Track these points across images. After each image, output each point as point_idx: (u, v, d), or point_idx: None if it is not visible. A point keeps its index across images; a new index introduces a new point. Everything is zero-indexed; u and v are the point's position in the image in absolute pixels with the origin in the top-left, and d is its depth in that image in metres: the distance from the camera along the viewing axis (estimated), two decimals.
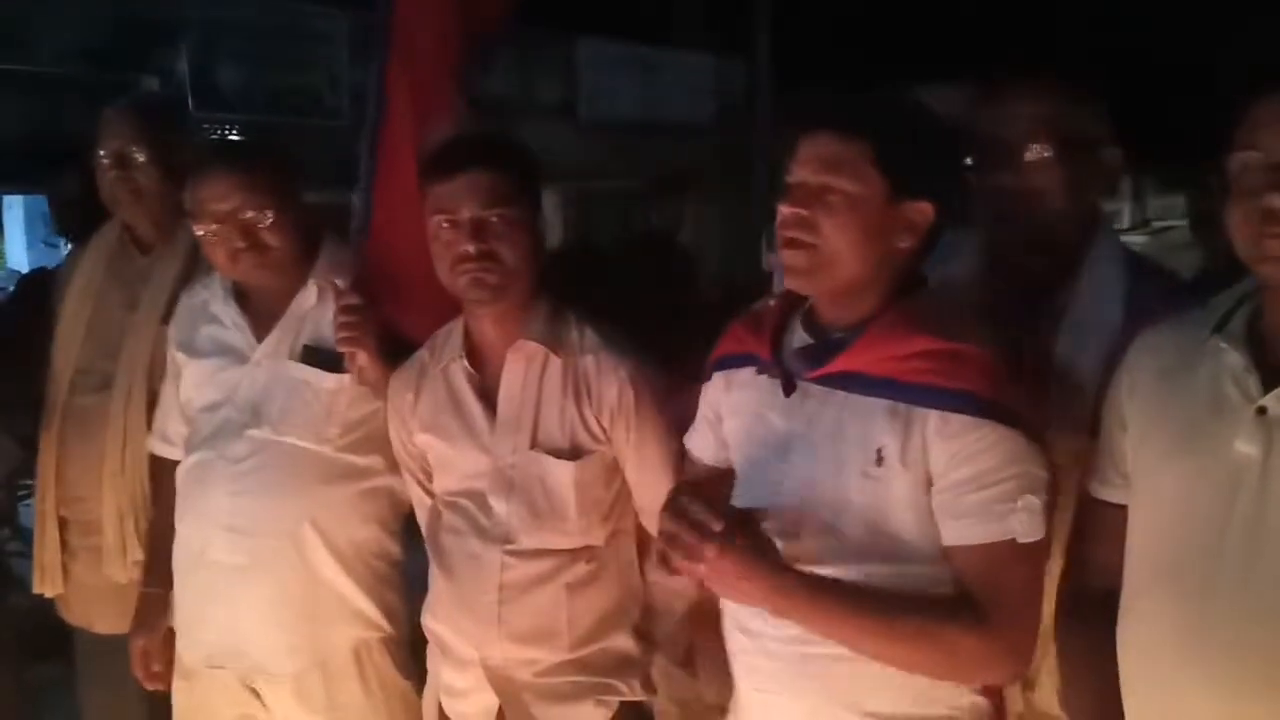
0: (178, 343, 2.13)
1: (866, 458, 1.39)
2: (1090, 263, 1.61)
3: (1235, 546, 1.23)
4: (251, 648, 2.01)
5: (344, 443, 2.01)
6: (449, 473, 1.86)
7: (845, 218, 1.39)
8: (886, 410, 1.39)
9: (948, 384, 1.36)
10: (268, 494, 1.98)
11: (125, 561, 2.24)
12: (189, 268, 2.28)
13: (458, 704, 1.87)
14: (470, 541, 1.81)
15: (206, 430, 2.04)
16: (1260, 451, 1.23)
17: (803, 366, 1.47)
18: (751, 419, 1.53)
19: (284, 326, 2.04)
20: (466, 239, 1.72)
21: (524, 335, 1.80)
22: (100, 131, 2.30)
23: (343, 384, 1.99)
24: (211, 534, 2.00)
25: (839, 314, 1.47)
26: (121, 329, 2.28)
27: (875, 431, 1.39)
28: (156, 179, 2.28)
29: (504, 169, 1.75)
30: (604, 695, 1.81)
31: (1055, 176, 1.59)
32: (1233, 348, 1.28)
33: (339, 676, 2.04)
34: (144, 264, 2.34)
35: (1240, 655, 1.21)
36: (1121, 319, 1.55)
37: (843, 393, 1.42)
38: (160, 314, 2.24)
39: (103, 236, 2.40)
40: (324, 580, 2.01)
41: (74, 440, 2.30)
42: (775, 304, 1.57)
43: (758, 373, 1.52)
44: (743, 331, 1.58)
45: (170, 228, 2.32)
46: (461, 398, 1.83)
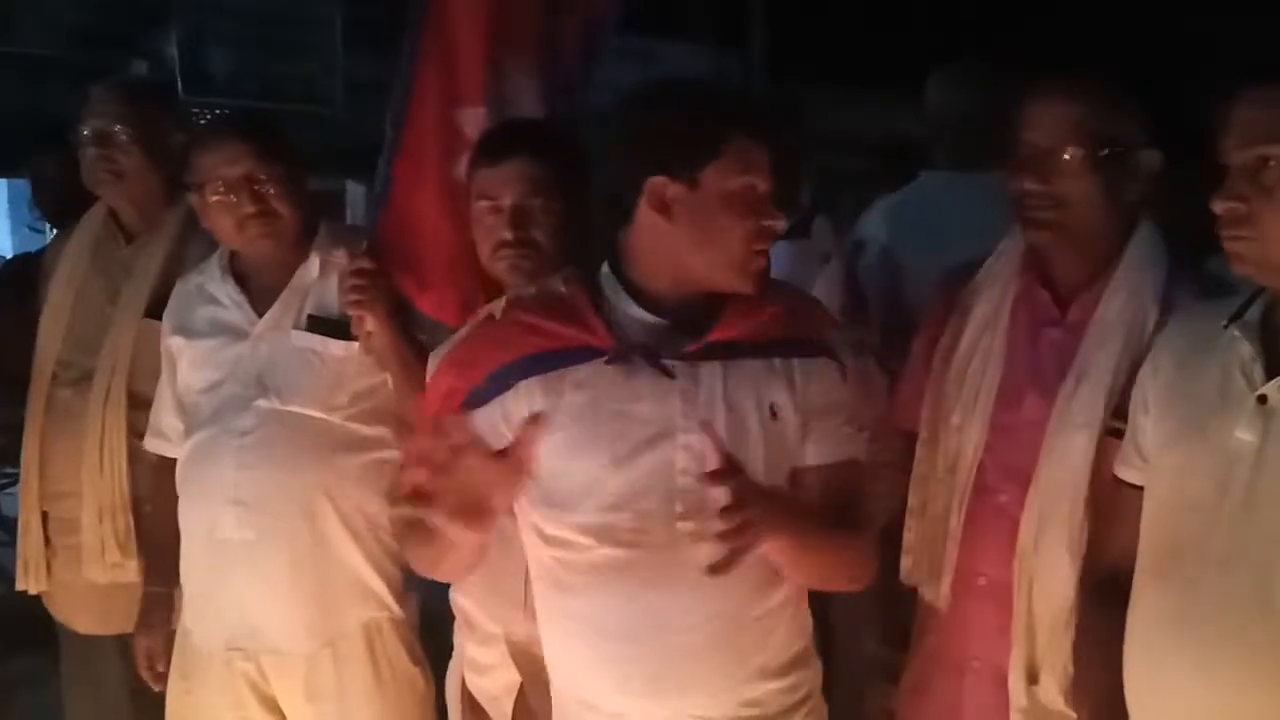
0: (173, 328, 2.10)
1: (762, 415, 1.46)
2: (1125, 264, 1.60)
3: (1224, 534, 1.24)
4: (264, 624, 1.98)
5: (352, 411, 2.00)
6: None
7: None
8: (766, 368, 1.47)
9: (808, 334, 1.52)
10: (276, 466, 1.96)
11: (104, 563, 2.20)
12: (174, 259, 2.24)
13: (481, 680, 1.87)
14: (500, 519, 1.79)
15: (209, 410, 2.01)
16: (1257, 439, 1.25)
17: (667, 346, 1.45)
18: (606, 416, 1.44)
19: (286, 299, 2.03)
20: (506, 225, 1.75)
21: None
22: (84, 109, 2.25)
23: (351, 351, 1.99)
24: (219, 511, 1.96)
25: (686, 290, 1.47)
26: (103, 322, 2.24)
27: (764, 389, 1.46)
28: (140, 160, 2.23)
29: (549, 158, 1.78)
30: None
31: (1086, 182, 1.56)
32: (1245, 337, 1.31)
33: (349, 659, 2.02)
34: (127, 254, 2.29)
35: (1226, 643, 1.23)
36: (1155, 320, 1.54)
37: (718, 363, 1.45)
38: (142, 309, 2.20)
39: (87, 222, 2.35)
40: (336, 554, 2.00)
41: (56, 435, 2.25)
42: (572, 291, 1.50)
43: (607, 363, 1.44)
44: (549, 326, 1.48)
45: (155, 214, 2.28)
46: None
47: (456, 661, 1.95)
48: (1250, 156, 1.24)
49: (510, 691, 1.84)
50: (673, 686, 1.46)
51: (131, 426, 2.19)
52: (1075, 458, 1.54)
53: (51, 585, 2.30)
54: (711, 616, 1.45)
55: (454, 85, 2.02)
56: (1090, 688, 1.48)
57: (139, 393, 2.19)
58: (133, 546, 2.20)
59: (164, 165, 2.26)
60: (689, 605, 1.44)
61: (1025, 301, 1.68)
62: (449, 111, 2.01)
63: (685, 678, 1.46)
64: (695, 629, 1.44)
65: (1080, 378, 1.57)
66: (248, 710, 2.03)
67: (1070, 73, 1.62)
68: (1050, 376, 1.60)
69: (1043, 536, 1.56)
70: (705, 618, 1.44)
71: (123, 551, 2.19)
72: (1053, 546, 1.55)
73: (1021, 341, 1.66)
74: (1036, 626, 1.57)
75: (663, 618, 1.44)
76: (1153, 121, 1.60)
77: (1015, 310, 1.68)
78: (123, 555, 2.19)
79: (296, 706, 2.03)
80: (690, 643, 1.45)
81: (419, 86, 2.04)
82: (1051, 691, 1.57)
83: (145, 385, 2.18)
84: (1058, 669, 1.56)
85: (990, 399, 1.65)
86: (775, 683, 1.51)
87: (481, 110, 2.01)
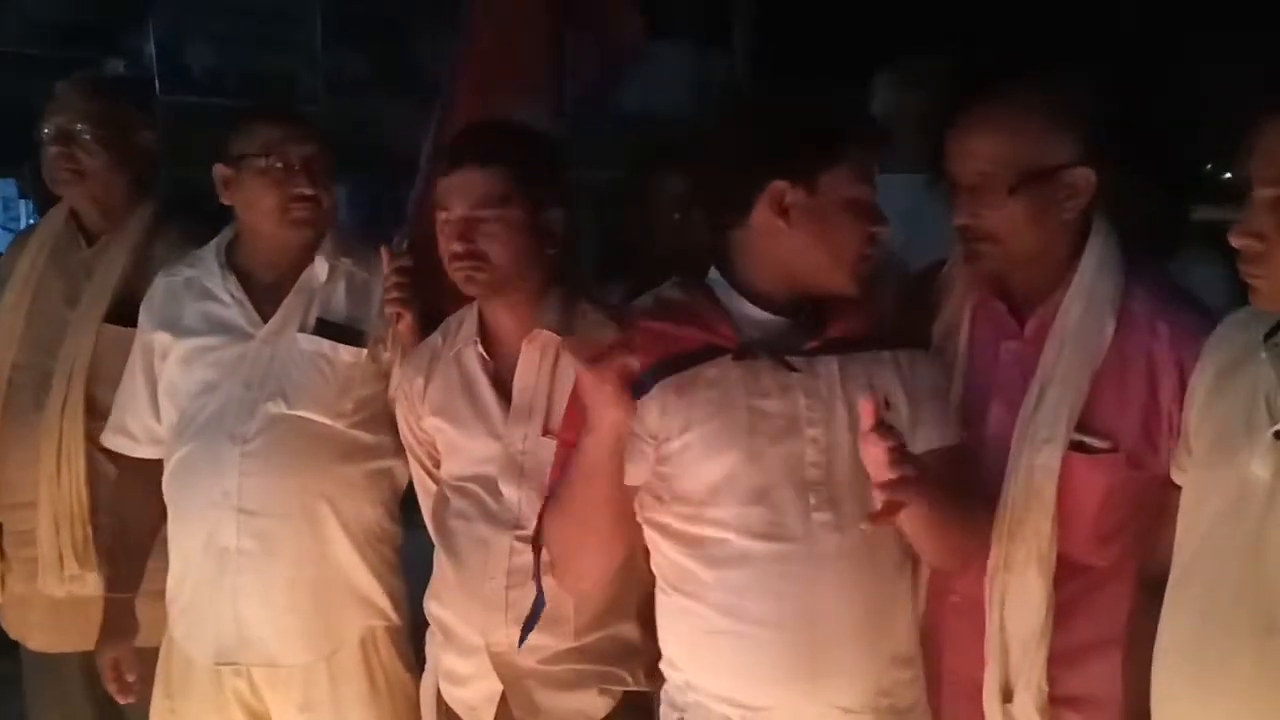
0: (157, 322, 2.05)
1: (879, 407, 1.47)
2: (1080, 275, 1.58)
3: (1236, 567, 1.23)
4: (262, 636, 1.96)
5: (356, 419, 1.98)
6: (458, 457, 1.86)
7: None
8: (876, 360, 1.53)
9: (906, 325, 1.60)
10: (281, 472, 1.93)
11: (62, 575, 2.15)
12: (138, 262, 2.19)
13: (459, 690, 1.86)
14: (479, 526, 1.81)
15: (207, 412, 1.97)
16: (1270, 477, 1.22)
17: (788, 342, 1.51)
18: (738, 412, 1.50)
19: (292, 302, 2.00)
20: (455, 237, 1.75)
21: (538, 325, 1.81)
22: (49, 105, 2.21)
23: (359, 358, 1.98)
24: (219, 518, 1.93)
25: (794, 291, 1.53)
26: (61, 325, 2.19)
27: (876, 381, 1.51)
28: (103, 160, 2.20)
29: (503, 167, 1.74)
30: (607, 684, 1.81)
31: (1008, 215, 1.54)
32: (1273, 363, 1.27)
33: (346, 669, 2.01)
34: (88, 255, 2.25)
35: (1231, 674, 1.22)
36: (1113, 328, 1.55)
37: (833, 357, 1.51)
38: (102, 312, 2.17)
39: (48, 222, 2.31)
40: (337, 563, 1.98)
41: (12, 442, 2.20)
42: (696, 296, 1.56)
43: (735, 360, 1.50)
44: (676, 331, 1.53)
45: (119, 215, 2.24)
46: (474, 383, 1.84)
47: (430, 673, 1.94)
48: (1273, 194, 1.20)
49: (491, 702, 1.83)
50: (820, 674, 1.50)
51: (90, 434, 2.14)
52: (1041, 472, 1.53)
53: (5, 599, 2.26)
54: (851, 605, 1.50)
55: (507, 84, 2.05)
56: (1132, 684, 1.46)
57: (98, 399, 2.15)
58: (92, 558, 2.15)
59: (130, 165, 2.23)
60: (830, 594, 1.49)
61: (983, 315, 1.66)
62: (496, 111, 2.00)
63: (831, 666, 1.50)
64: (837, 617, 1.49)
65: (1041, 392, 1.56)
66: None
67: (987, 98, 1.57)
68: (1012, 391, 1.59)
69: (1013, 554, 1.54)
70: (845, 606, 1.50)
71: (81, 563, 2.14)
72: (1023, 564, 1.54)
73: (982, 355, 1.64)
74: (1009, 643, 1.56)
75: (805, 607, 1.49)
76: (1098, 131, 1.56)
77: (974, 323, 1.66)
78: (81, 567, 2.15)
79: (290, 719, 2.00)
80: (833, 631, 1.49)
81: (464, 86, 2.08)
82: (1026, 708, 1.56)
83: (105, 391, 2.14)
84: (1032, 685, 1.55)
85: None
86: (902, 672, 1.57)
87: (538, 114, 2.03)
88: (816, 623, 1.50)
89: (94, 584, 2.15)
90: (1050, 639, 1.54)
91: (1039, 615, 1.53)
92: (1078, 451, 1.53)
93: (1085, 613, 1.56)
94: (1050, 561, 1.53)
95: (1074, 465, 1.53)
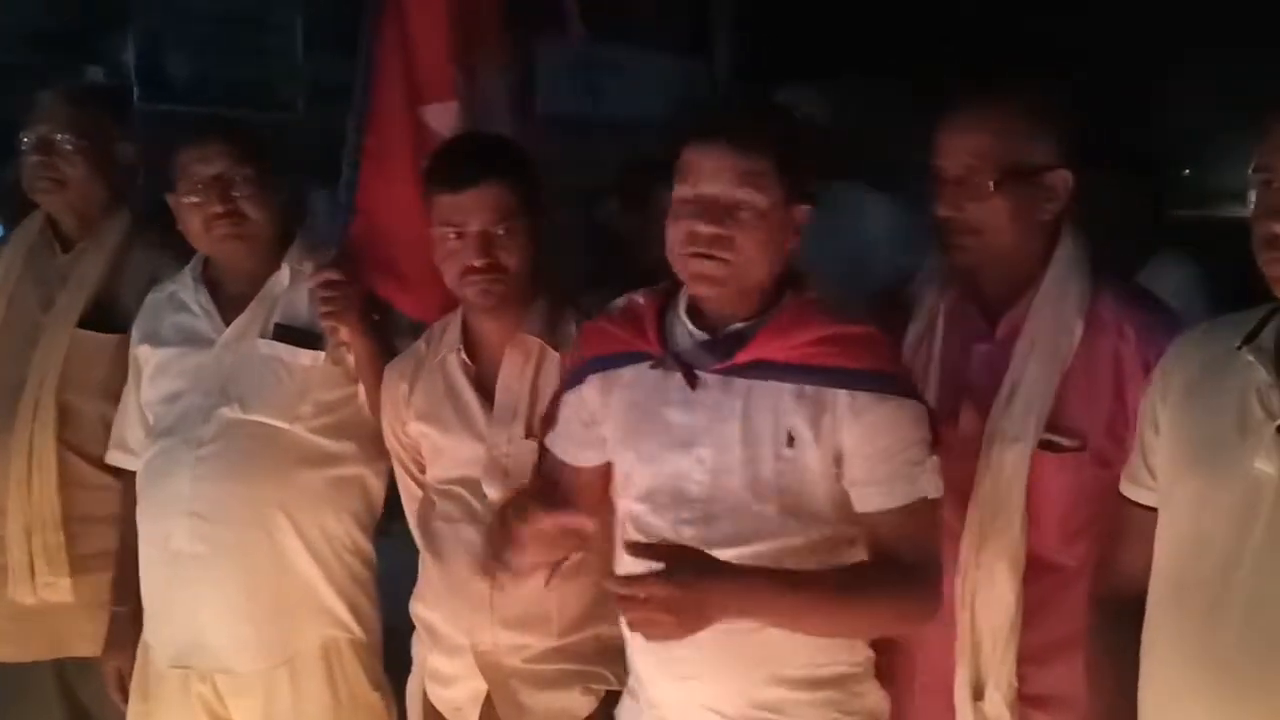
0: (141, 336, 2.08)
1: (778, 440, 1.48)
2: (1049, 278, 1.60)
3: (1247, 567, 1.21)
4: (217, 642, 1.96)
5: (316, 424, 1.97)
6: (443, 461, 1.88)
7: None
8: (793, 394, 1.48)
9: (853, 364, 1.48)
10: (234, 478, 1.93)
11: (32, 584, 2.13)
12: (114, 269, 2.20)
13: (445, 691, 1.88)
14: (463, 528, 1.83)
15: (169, 419, 1.99)
16: (1276, 470, 1.21)
17: (705, 359, 1.52)
18: (642, 416, 1.55)
19: (254, 309, 2.01)
20: (474, 253, 1.76)
21: (523, 330, 1.84)
22: (30, 114, 2.21)
23: (318, 361, 1.97)
24: (174, 523, 1.93)
25: (733, 308, 1.53)
26: (34, 332, 2.18)
27: (784, 414, 1.48)
28: (83, 170, 2.20)
29: (511, 182, 1.78)
30: (591, 683, 1.82)
31: (991, 208, 1.57)
32: (1260, 362, 1.26)
33: (306, 677, 2.00)
34: (64, 262, 2.24)
35: (1251, 685, 1.20)
36: (1081, 330, 1.57)
37: (745, 381, 1.49)
38: (75, 319, 2.16)
39: (24, 228, 2.29)
40: (295, 570, 1.97)
41: None
42: (646, 302, 1.60)
43: (651, 368, 1.54)
44: (614, 331, 1.60)
45: (96, 223, 2.23)
46: (458, 388, 1.86)
47: (416, 674, 1.96)
48: None
49: (476, 701, 1.84)
50: (687, 676, 1.52)
51: (63, 440, 2.14)
52: (1010, 472, 1.55)
53: None
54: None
55: (418, 81, 2.01)
56: (1102, 709, 1.45)
57: (70, 405, 2.15)
58: (64, 565, 2.14)
59: (108, 174, 2.23)
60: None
61: (956, 318, 1.69)
62: (413, 109, 2.00)
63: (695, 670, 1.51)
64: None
65: (1012, 392, 1.58)
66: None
67: (979, 96, 1.61)
68: (983, 391, 1.61)
69: (983, 552, 1.56)
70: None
71: (53, 570, 2.13)
72: (993, 561, 1.55)
73: (954, 357, 1.67)
74: (980, 641, 1.57)
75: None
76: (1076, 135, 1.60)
77: (947, 326, 1.68)
78: (53, 574, 2.13)
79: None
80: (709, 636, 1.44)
81: (379, 86, 2.03)
82: (997, 705, 1.57)
83: (77, 398, 2.15)
84: (1002, 683, 1.56)
85: None
86: (794, 693, 1.52)
87: (453, 104, 2.01)
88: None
89: (67, 590, 2.14)
90: (1020, 637, 1.55)
91: (1009, 612, 1.55)
92: (1047, 450, 1.55)
93: (1053, 612, 1.57)
94: (1020, 559, 1.54)
95: (1043, 463, 1.55)
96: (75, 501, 2.15)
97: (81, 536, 2.16)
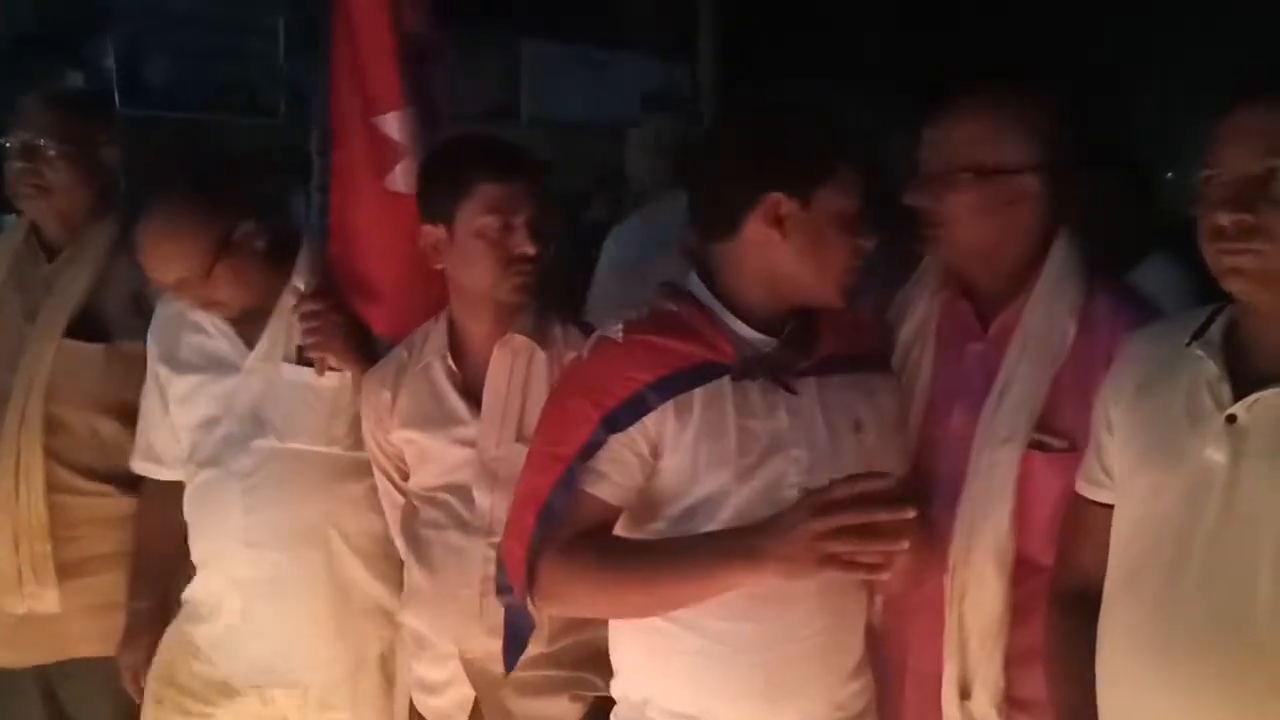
0: (159, 355, 2.08)
1: (849, 428, 1.54)
2: (1043, 279, 1.61)
3: (1199, 553, 1.24)
4: (286, 664, 2.00)
5: (352, 440, 1.98)
6: (429, 467, 1.86)
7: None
8: (852, 383, 1.57)
9: (879, 346, 1.65)
10: (284, 504, 1.96)
11: (20, 593, 2.13)
12: (99, 277, 2.19)
13: (432, 699, 1.88)
14: (451, 535, 1.82)
15: (209, 448, 2.01)
16: (1228, 459, 1.24)
17: (779, 361, 1.52)
18: (730, 432, 1.49)
19: (273, 330, 2.00)
20: (526, 241, 1.75)
21: (512, 330, 1.82)
22: (13, 120, 2.19)
23: (345, 380, 1.98)
24: (233, 553, 1.98)
25: (778, 305, 1.55)
26: (20, 340, 2.17)
27: (851, 404, 1.56)
28: (67, 176, 2.18)
29: (541, 175, 1.81)
30: (579, 690, 1.81)
31: (954, 202, 1.59)
32: (1208, 356, 1.30)
33: (365, 688, 2.03)
34: (49, 270, 2.23)
35: (1206, 660, 1.23)
36: (1074, 331, 1.58)
37: (813, 378, 1.53)
38: (62, 328, 2.15)
39: (8, 235, 2.29)
40: (354, 581, 2.01)
41: None
42: (688, 310, 1.54)
43: (734, 380, 1.50)
44: (670, 346, 1.51)
45: (81, 230, 2.22)
46: (444, 394, 1.85)
47: (402, 682, 1.96)
48: (1259, 168, 1.21)
49: (463, 709, 1.84)
50: (778, 694, 1.51)
51: (49, 450, 2.13)
52: (1001, 471, 1.55)
53: None
54: (815, 624, 1.52)
55: (368, 92, 1.98)
56: (1061, 706, 1.46)
57: (57, 415, 2.14)
58: (51, 575, 2.14)
59: (93, 179, 2.22)
60: (797, 615, 1.50)
61: (949, 317, 1.69)
62: (369, 120, 1.98)
63: (790, 685, 1.51)
64: (800, 638, 1.51)
65: (1003, 392, 1.58)
66: None
67: (968, 94, 1.62)
68: (975, 391, 1.61)
69: (973, 550, 1.56)
70: (810, 626, 1.52)
71: (39, 580, 2.13)
72: (982, 559, 1.56)
73: (947, 356, 1.67)
74: (968, 639, 1.57)
75: (769, 628, 1.49)
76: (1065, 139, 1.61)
77: (940, 325, 1.69)
78: (40, 584, 2.13)
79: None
80: (794, 651, 1.51)
81: (336, 103, 2.02)
82: (984, 705, 1.57)
83: (63, 408, 2.14)
84: (989, 682, 1.56)
85: (918, 413, 1.66)
86: (855, 683, 1.59)
87: (406, 111, 1.98)
88: (779, 642, 1.50)
89: (53, 601, 2.14)
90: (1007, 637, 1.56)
91: (997, 612, 1.55)
92: (1037, 450, 1.55)
93: (1040, 614, 1.56)
94: (1009, 558, 1.55)
95: (1033, 463, 1.55)
96: (63, 509, 2.15)
97: (71, 542, 2.16)
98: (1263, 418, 1.23)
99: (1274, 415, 1.23)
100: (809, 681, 1.53)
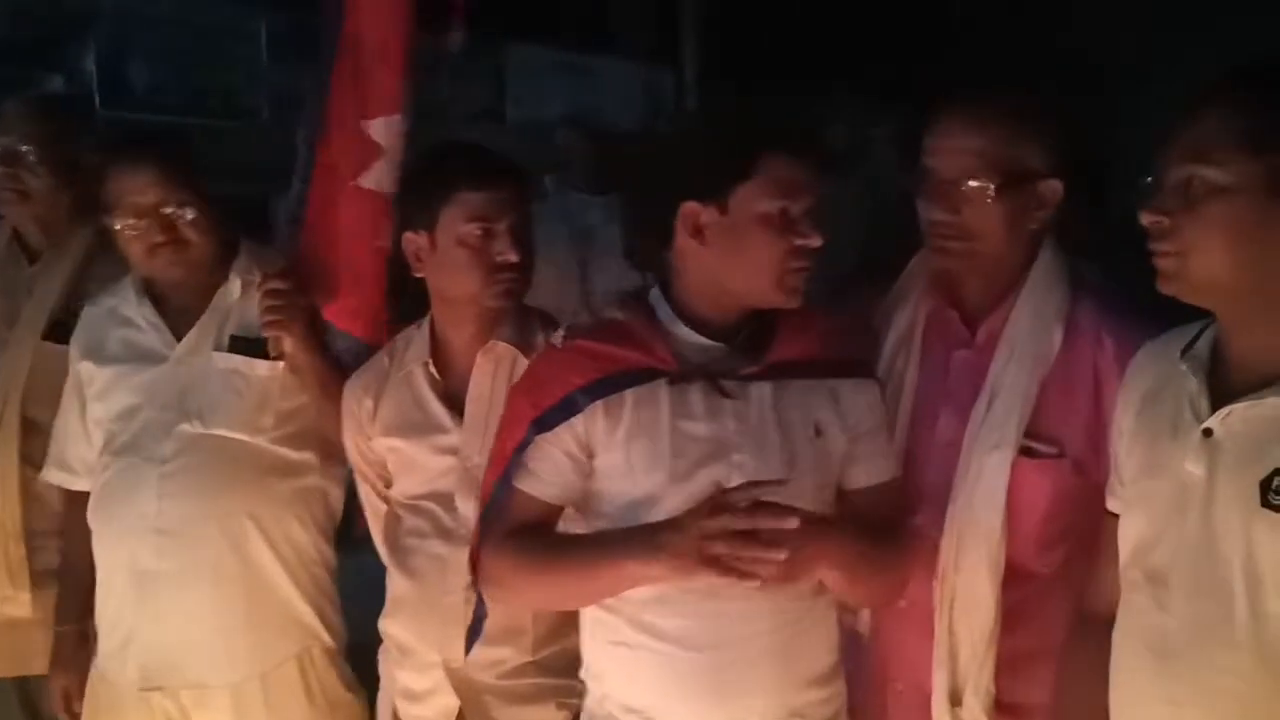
0: (82, 352, 2.03)
1: (809, 434, 1.52)
2: (1029, 286, 1.61)
3: (1187, 564, 1.26)
4: (190, 660, 1.94)
5: (278, 434, 1.96)
6: (413, 476, 1.85)
7: None
8: (812, 388, 1.53)
9: (851, 353, 1.60)
10: (200, 493, 1.91)
11: None
12: (79, 280, 2.17)
13: (415, 708, 1.86)
14: (434, 543, 1.81)
15: (125, 436, 1.96)
16: (1205, 472, 1.25)
17: (724, 367, 1.50)
18: (664, 434, 1.49)
19: (206, 322, 1.98)
20: (509, 248, 1.75)
21: (494, 338, 1.81)
22: None
23: (276, 371, 1.95)
24: (139, 542, 1.91)
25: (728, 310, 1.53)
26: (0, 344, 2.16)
27: (811, 409, 1.52)
28: (47, 181, 2.19)
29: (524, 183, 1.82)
30: (565, 698, 1.79)
31: (987, 213, 1.56)
32: (1191, 371, 1.31)
33: (280, 688, 1.98)
34: (30, 274, 2.22)
35: (1195, 673, 1.25)
36: (1061, 338, 1.58)
37: (768, 383, 1.50)
38: (40, 331, 2.14)
39: None
40: (266, 582, 1.96)
41: None
42: (631, 317, 1.54)
43: (670, 384, 1.49)
44: (608, 351, 1.52)
45: (62, 234, 2.22)
46: (426, 401, 1.84)
47: (385, 692, 1.93)
48: (1181, 173, 1.24)
49: (447, 717, 1.82)
50: (727, 694, 1.49)
51: (24, 454, 2.12)
52: (990, 478, 1.55)
53: None
54: (760, 627, 1.49)
55: (366, 95, 2.00)
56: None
57: (34, 419, 2.13)
58: (26, 579, 2.12)
59: (73, 185, 2.21)
60: (738, 617, 1.48)
61: (936, 323, 1.69)
62: (358, 122, 1.99)
63: (739, 686, 1.49)
64: (746, 639, 1.49)
65: (991, 399, 1.58)
66: None
67: (974, 101, 1.60)
68: (963, 398, 1.61)
69: (963, 558, 1.56)
70: (754, 628, 1.49)
71: (14, 583, 2.11)
72: (973, 567, 1.55)
73: (934, 363, 1.67)
74: (958, 648, 1.57)
75: (713, 627, 1.48)
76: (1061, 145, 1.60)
77: (927, 332, 1.68)
78: (14, 587, 2.12)
79: None
80: (741, 652, 1.49)
81: (335, 99, 2.02)
82: (975, 711, 1.57)
83: (41, 411, 2.12)
84: (980, 690, 1.57)
85: (905, 421, 1.65)
86: (817, 692, 1.56)
87: (397, 118, 1.99)
88: (725, 643, 1.49)
89: (27, 605, 2.13)
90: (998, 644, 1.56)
91: (988, 618, 1.55)
92: (1025, 456, 1.55)
93: (1029, 621, 1.57)
94: (999, 565, 1.54)
95: (1022, 470, 1.55)
96: (35, 516, 2.14)
97: (40, 551, 2.15)
98: (1235, 430, 1.25)
99: (1244, 428, 1.24)
100: (760, 684, 1.50)
